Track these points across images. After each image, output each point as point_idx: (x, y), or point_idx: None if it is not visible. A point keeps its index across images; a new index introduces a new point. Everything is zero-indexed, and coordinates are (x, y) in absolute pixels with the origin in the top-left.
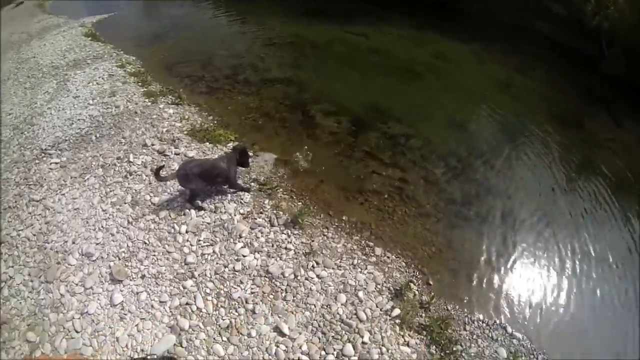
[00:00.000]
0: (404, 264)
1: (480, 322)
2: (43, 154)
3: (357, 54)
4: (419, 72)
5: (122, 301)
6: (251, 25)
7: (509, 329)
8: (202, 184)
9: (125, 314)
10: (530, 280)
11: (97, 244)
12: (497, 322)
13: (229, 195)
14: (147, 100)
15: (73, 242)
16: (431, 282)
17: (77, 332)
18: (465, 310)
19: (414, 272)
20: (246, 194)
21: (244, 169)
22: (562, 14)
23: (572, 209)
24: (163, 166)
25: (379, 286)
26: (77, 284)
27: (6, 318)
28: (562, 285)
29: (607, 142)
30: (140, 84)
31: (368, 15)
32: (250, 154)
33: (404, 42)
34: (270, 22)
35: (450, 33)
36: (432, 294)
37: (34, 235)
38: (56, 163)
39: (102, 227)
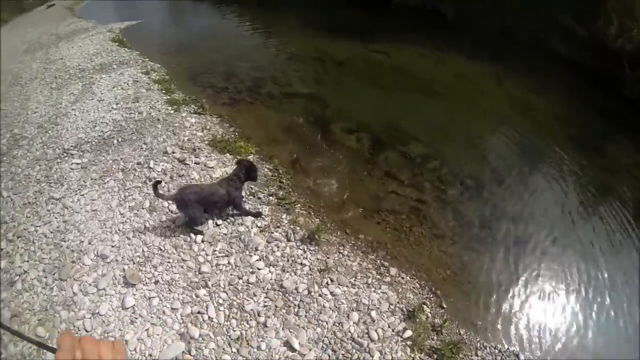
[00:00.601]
0: (418, 285)
1: (493, 348)
2: (65, 154)
3: (378, 72)
4: (438, 92)
5: (134, 305)
6: (274, 38)
7: (522, 357)
8: (199, 210)
9: (136, 318)
10: (545, 307)
11: (112, 246)
12: (510, 348)
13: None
14: (169, 108)
15: (89, 243)
16: (444, 305)
17: (87, 331)
18: (478, 335)
19: (427, 294)
20: (265, 207)
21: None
22: (583, 36)
23: (589, 235)
24: (160, 181)
25: (392, 306)
26: (90, 284)
27: (17, 311)
28: (577, 313)
29: (630, 167)
30: (163, 91)
31: (389, 33)
32: (270, 167)
33: (424, 61)
34: (294, 35)
35: (470, 53)
36: (445, 317)
37: (51, 232)
38: (77, 164)
39: (118, 230)
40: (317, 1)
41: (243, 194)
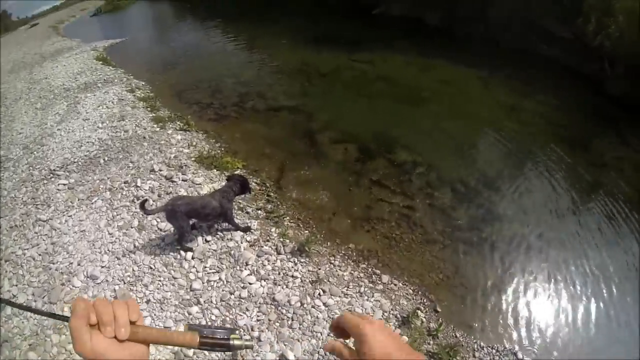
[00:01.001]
0: (411, 291)
1: (490, 349)
2: (51, 175)
3: (364, 82)
4: (425, 98)
5: None
6: (259, 52)
7: (520, 355)
8: (187, 223)
9: None
10: (540, 304)
11: (102, 267)
12: (507, 347)
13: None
14: (155, 125)
15: (78, 264)
16: (439, 309)
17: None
18: (474, 336)
19: (421, 299)
20: (253, 221)
21: (246, 195)
22: (566, 37)
23: (581, 231)
24: (146, 200)
25: (385, 314)
26: None
27: (7, 336)
28: (573, 309)
29: (615, 161)
30: (149, 109)
31: (375, 42)
32: (257, 180)
33: (410, 68)
34: (278, 49)
35: (456, 59)
36: (440, 320)
37: (40, 255)
38: (64, 184)
39: (108, 250)
40: (299, 14)
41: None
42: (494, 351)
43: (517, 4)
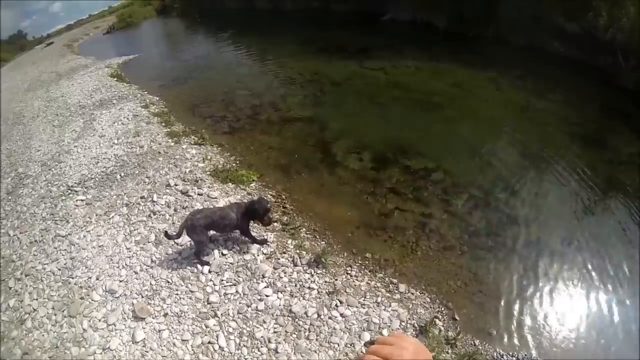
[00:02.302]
0: (428, 299)
1: (510, 356)
2: (69, 191)
3: (376, 89)
4: (437, 103)
5: (144, 338)
6: (271, 64)
7: None
8: (206, 237)
9: (147, 351)
10: (561, 310)
11: (120, 281)
12: (528, 355)
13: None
14: (170, 140)
15: (97, 279)
16: (457, 317)
17: None
18: (493, 344)
19: (439, 307)
20: (269, 234)
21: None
22: (576, 32)
23: (601, 232)
24: (166, 230)
25: (403, 323)
26: (99, 320)
27: (28, 349)
28: (595, 314)
29: (632, 156)
30: (163, 124)
31: (385, 49)
32: (273, 193)
33: (421, 73)
34: (289, 60)
35: (466, 61)
36: (458, 329)
37: (59, 269)
38: (82, 200)
39: (125, 264)
40: (308, 24)
41: None
42: (513, 359)
43: (526, 1)
